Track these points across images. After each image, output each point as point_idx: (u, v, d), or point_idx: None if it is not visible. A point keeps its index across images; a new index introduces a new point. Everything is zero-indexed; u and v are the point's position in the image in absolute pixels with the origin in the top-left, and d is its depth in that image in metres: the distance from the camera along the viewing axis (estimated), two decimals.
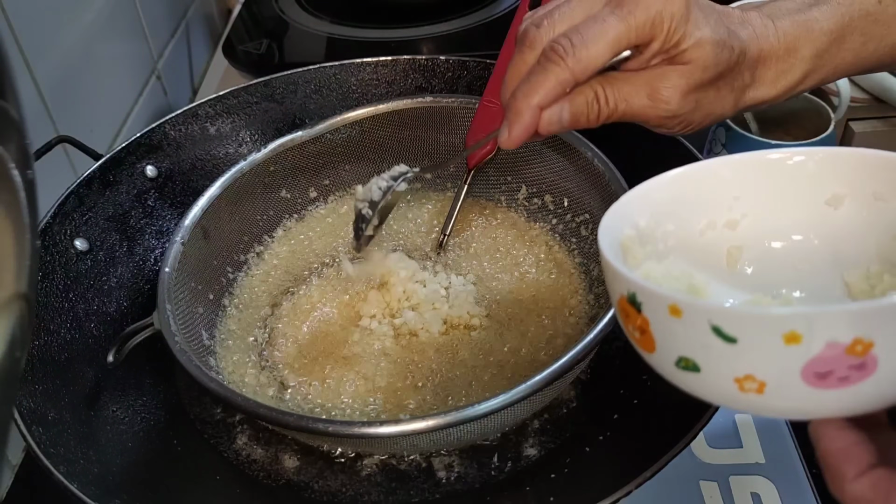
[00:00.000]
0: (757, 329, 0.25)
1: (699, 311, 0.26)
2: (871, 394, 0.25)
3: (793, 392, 0.26)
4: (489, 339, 0.53)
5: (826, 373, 0.25)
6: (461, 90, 0.67)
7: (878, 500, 0.25)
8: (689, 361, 0.27)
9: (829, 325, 0.24)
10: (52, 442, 0.43)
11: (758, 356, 0.25)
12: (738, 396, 0.27)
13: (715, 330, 0.25)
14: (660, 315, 0.27)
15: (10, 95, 0.22)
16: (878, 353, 0.24)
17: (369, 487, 0.47)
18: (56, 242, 0.53)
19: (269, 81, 0.66)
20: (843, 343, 0.24)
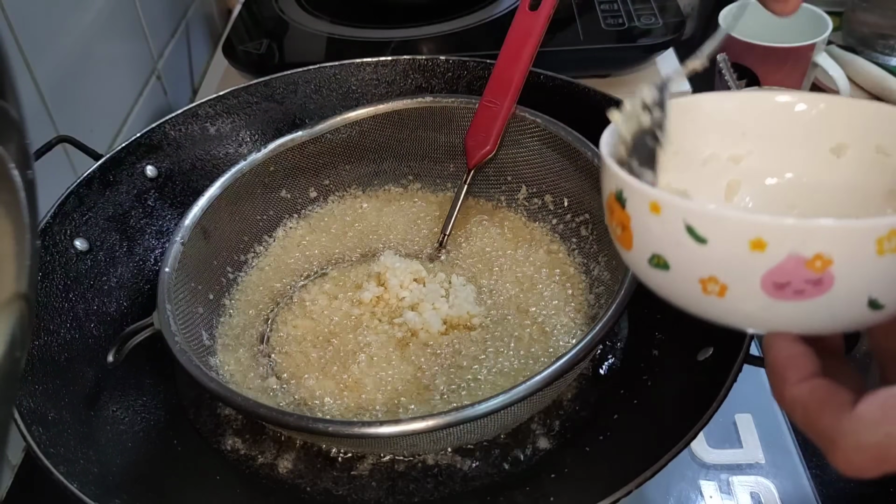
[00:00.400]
0: (726, 231, 0.26)
1: (676, 210, 0.27)
2: (824, 312, 0.27)
3: (751, 299, 0.27)
4: (489, 338, 0.53)
5: (784, 283, 0.26)
6: (461, 90, 0.67)
7: (813, 405, 0.27)
8: (661, 259, 0.29)
9: (794, 236, 0.25)
10: (52, 442, 0.43)
11: (724, 259, 0.27)
12: (700, 298, 0.28)
13: (688, 229, 0.27)
14: (641, 211, 0.28)
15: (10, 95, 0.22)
16: (835, 271, 0.25)
17: (369, 487, 0.47)
18: (56, 242, 0.53)
19: (269, 81, 0.66)
20: (804, 256, 0.25)
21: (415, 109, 0.62)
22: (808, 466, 0.50)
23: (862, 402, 0.26)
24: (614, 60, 0.81)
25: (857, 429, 0.25)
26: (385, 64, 0.68)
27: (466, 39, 0.87)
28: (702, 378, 0.45)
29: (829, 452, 0.26)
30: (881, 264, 0.25)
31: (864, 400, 0.26)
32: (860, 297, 0.26)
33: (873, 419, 0.25)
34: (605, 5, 0.87)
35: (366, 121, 0.62)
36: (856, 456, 0.25)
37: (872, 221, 0.25)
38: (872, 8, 0.82)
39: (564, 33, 0.84)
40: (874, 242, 0.25)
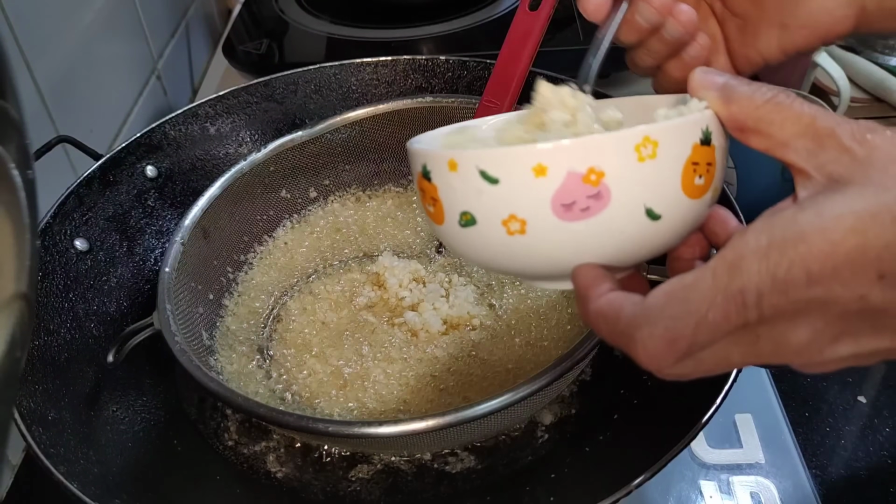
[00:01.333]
0: (512, 165, 0.28)
1: (469, 159, 0.29)
2: (612, 228, 0.29)
3: (547, 227, 0.29)
4: (489, 338, 0.53)
5: (570, 203, 0.28)
6: (461, 90, 0.67)
7: (611, 313, 0.28)
8: (468, 215, 0.30)
9: (566, 155, 0.28)
10: (52, 442, 0.43)
11: (515, 193, 0.29)
12: (508, 241, 0.30)
13: (482, 174, 0.29)
14: (442, 175, 0.30)
15: (10, 95, 0.22)
16: (609, 182, 0.28)
17: (369, 487, 0.47)
18: (56, 242, 0.53)
19: (269, 81, 0.66)
20: (579, 172, 0.27)
21: (415, 109, 0.62)
22: (808, 466, 0.50)
23: (649, 296, 0.27)
24: (614, 60, 0.81)
25: (646, 319, 0.27)
26: (385, 64, 0.68)
27: (466, 39, 0.87)
28: (702, 378, 0.45)
29: (630, 351, 0.27)
30: (644, 171, 0.28)
31: (651, 293, 0.27)
32: (637, 207, 0.28)
33: (658, 305, 0.26)
34: None
35: (366, 121, 0.62)
36: (650, 344, 0.26)
37: (627, 131, 0.27)
38: None
39: (564, 33, 0.84)
40: (633, 150, 0.27)
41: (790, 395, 0.54)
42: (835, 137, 0.27)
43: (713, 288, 0.26)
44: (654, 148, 0.28)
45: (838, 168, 0.26)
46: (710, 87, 0.30)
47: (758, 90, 0.29)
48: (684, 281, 0.27)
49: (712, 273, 0.26)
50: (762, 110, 0.29)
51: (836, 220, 0.25)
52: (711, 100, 0.30)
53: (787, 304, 0.25)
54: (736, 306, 0.25)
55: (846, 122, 0.27)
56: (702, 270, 0.26)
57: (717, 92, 0.30)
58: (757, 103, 0.29)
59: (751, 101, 0.29)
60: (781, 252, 0.25)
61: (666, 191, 0.29)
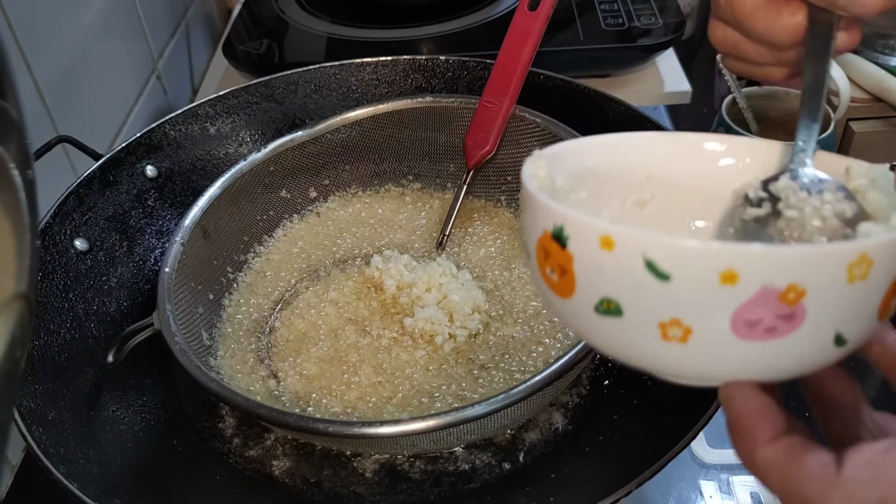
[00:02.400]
0: (695, 264, 0.23)
1: (635, 243, 0.24)
2: (793, 352, 0.25)
3: (717, 341, 0.24)
4: (489, 338, 0.53)
5: (756, 321, 0.23)
6: (461, 90, 0.67)
7: (792, 470, 0.24)
8: (613, 304, 0.25)
9: (769, 266, 0.23)
10: (52, 442, 0.43)
11: (690, 296, 0.24)
12: (658, 346, 0.25)
13: (648, 265, 0.24)
14: (588, 249, 0.25)
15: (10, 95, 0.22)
16: (808, 303, 0.23)
17: (369, 487, 0.47)
18: (56, 242, 0.53)
19: (269, 81, 0.66)
20: (777, 288, 0.23)
21: (415, 109, 0.62)
22: None
23: (847, 464, 0.24)
24: (614, 60, 0.81)
25: (848, 495, 0.23)
26: (385, 64, 0.68)
27: (466, 39, 0.87)
28: None
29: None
30: (851, 294, 0.24)
31: (849, 460, 0.24)
32: (828, 332, 0.24)
33: (863, 482, 0.23)
34: (605, 5, 0.87)
35: (366, 121, 0.62)
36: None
37: (845, 245, 0.23)
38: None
39: (564, 33, 0.84)
40: (846, 269, 0.23)
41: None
42: None
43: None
44: (867, 268, 0.23)
45: None
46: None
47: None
48: (891, 455, 0.23)
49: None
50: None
51: None
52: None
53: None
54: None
55: None
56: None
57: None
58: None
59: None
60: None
61: (863, 315, 0.25)
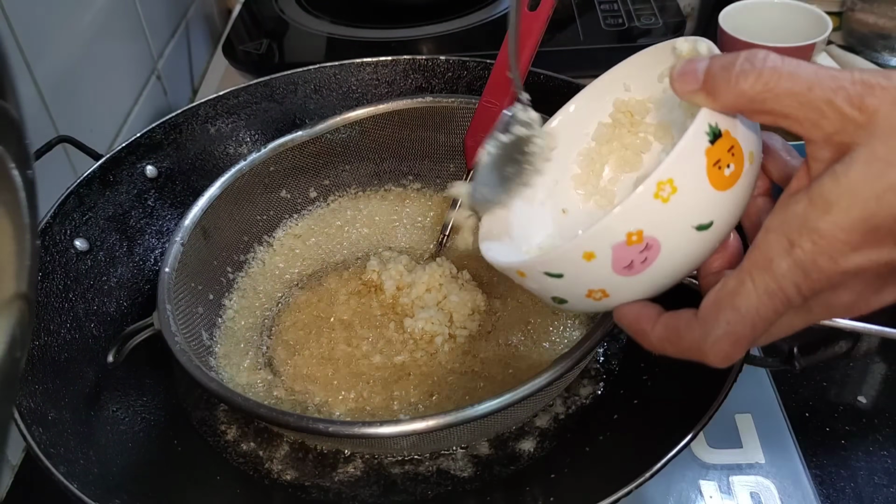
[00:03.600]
0: (565, 262, 0.32)
1: (530, 267, 0.34)
2: (673, 259, 0.31)
3: (622, 287, 0.32)
4: (489, 339, 0.53)
5: (630, 264, 0.31)
6: (461, 90, 0.67)
7: (671, 336, 0.32)
8: (557, 298, 0.35)
9: (602, 235, 0.30)
10: (52, 442, 0.43)
11: (581, 278, 0.32)
12: (598, 305, 0.34)
13: (547, 274, 0.33)
14: (520, 279, 0.35)
15: (10, 95, 0.22)
16: (651, 233, 0.30)
17: (369, 487, 0.47)
18: (56, 242, 0.53)
19: (269, 81, 0.66)
20: (622, 241, 0.30)
21: (415, 109, 0.62)
22: (808, 466, 0.50)
23: (701, 309, 0.30)
24: (614, 60, 0.81)
25: (706, 331, 0.30)
26: (385, 64, 0.68)
27: (466, 39, 0.87)
28: (702, 378, 0.45)
29: (701, 360, 0.31)
30: (675, 205, 0.30)
31: (701, 307, 0.30)
32: (687, 233, 0.31)
33: (712, 316, 0.30)
34: (605, 5, 0.87)
35: (366, 121, 0.62)
36: (719, 350, 0.30)
37: (641, 189, 0.29)
38: (872, 8, 0.82)
39: (564, 33, 0.84)
40: (653, 199, 0.29)
41: (790, 395, 0.54)
42: (833, 106, 0.27)
43: (755, 290, 0.29)
44: (671, 185, 0.30)
45: (843, 137, 0.27)
46: (693, 89, 0.30)
47: (739, 72, 0.29)
48: (727, 289, 0.29)
49: (750, 278, 0.29)
50: (753, 91, 0.28)
51: (843, 207, 0.27)
52: (699, 102, 0.30)
53: (824, 283, 0.28)
54: (780, 300, 0.28)
55: (842, 87, 0.27)
56: (739, 277, 0.29)
57: (702, 92, 0.30)
58: (743, 88, 0.29)
59: (736, 89, 0.29)
60: (802, 248, 0.27)
61: (704, 203, 0.30)
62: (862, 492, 0.49)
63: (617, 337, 0.55)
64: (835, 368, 0.56)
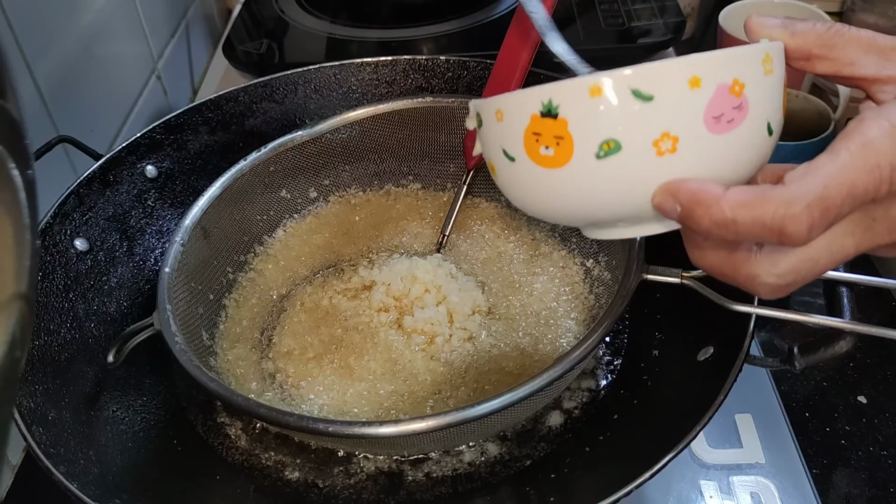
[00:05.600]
0: (669, 79, 0.28)
1: (619, 80, 0.29)
2: (745, 141, 0.30)
3: (699, 141, 0.29)
4: (489, 339, 0.53)
5: (720, 115, 0.29)
6: (461, 90, 0.67)
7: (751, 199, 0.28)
8: (612, 143, 0.29)
9: (717, 66, 0.29)
10: (52, 442, 0.43)
11: (671, 108, 0.29)
12: (655, 164, 0.29)
13: (635, 93, 0.28)
14: (580, 105, 0.29)
15: (10, 95, 0.22)
16: (748, 94, 0.29)
17: (369, 487, 0.47)
18: (56, 242, 0.53)
19: (269, 81, 0.66)
20: (727, 84, 0.29)
21: (415, 109, 0.62)
22: (808, 466, 0.50)
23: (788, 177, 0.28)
24: (614, 60, 0.81)
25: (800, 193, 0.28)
26: (385, 64, 0.68)
27: (466, 39, 0.87)
28: (702, 378, 0.45)
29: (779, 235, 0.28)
30: (768, 84, 0.30)
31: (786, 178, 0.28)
32: (763, 122, 0.30)
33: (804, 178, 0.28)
34: (605, 5, 0.87)
35: (366, 121, 0.62)
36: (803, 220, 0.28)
37: (755, 46, 0.30)
38: (872, 8, 0.82)
39: (564, 33, 0.84)
40: (761, 63, 0.29)
41: (790, 395, 0.54)
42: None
43: (853, 164, 0.28)
44: (771, 64, 0.30)
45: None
46: (772, 26, 0.33)
47: (815, 23, 0.32)
48: (819, 162, 0.28)
49: (848, 152, 0.28)
50: (824, 37, 0.32)
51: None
52: (777, 35, 0.32)
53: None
54: (875, 179, 0.28)
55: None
56: (833, 153, 0.28)
57: (780, 28, 0.33)
58: (818, 32, 0.32)
59: (812, 31, 0.32)
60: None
61: (778, 106, 0.31)
62: (862, 492, 0.49)
63: (618, 337, 0.55)
64: (835, 368, 0.56)
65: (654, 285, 0.45)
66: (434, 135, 0.63)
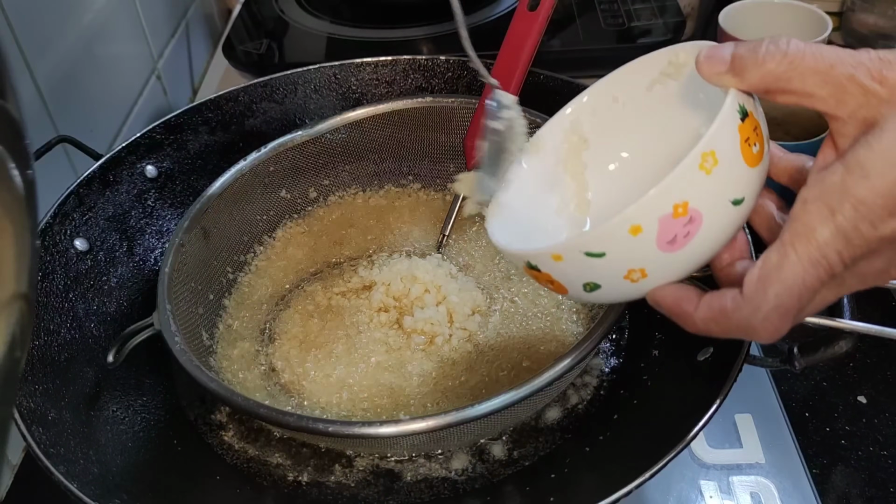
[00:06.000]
0: (611, 238, 0.32)
1: (571, 248, 0.33)
2: (711, 234, 0.32)
3: (661, 264, 0.32)
4: (489, 339, 0.53)
5: (673, 238, 0.31)
6: (461, 90, 0.67)
7: (719, 317, 0.32)
8: (591, 284, 0.34)
9: (651, 206, 0.30)
10: (52, 442, 0.43)
11: (624, 255, 0.32)
12: (633, 288, 0.34)
13: (588, 255, 0.32)
14: (551, 266, 0.34)
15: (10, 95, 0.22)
16: (695, 205, 0.30)
17: (368, 487, 0.47)
18: (56, 242, 0.53)
19: (269, 81, 0.66)
20: (668, 213, 0.30)
21: (415, 109, 0.62)
22: (808, 466, 0.50)
23: (744, 289, 0.31)
24: (614, 60, 0.81)
25: (754, 308, 0.30)
26: (385, 64, 0.68)
27: None
28: (702, 378, 0.45)
29: (751, 337, 0.31)
30: (716, 177, 0.31)
31: (744, 286, 0.31)
32: (725, 206, 0.32)
33: (760, 291, 0.30)
34: (605, 5, 0.87)
35: (366, 121, 0.62)
36: (769, 325, 0.30)
37: (687, 161, 0.30)
38: (872, 8, 0.82)
39: (564, 33, 0.84)
40: (699, 170, 0.30)
41: (790, 395, 0.54)
42: (855, 82, 0.29)
43: (799, 261, 0.29)
44: (713, 157, 0.30)
45: (867, 111, 0.29)
46: (721, 71, 0.32)
47: (766, 53, 0.31)
48: (770, 263, 0.30)
49: (793, 249, 0.29)
50: (779, 70, 0.30)
51: (880, 172, 0.28)
52: (726, 82, 0.32)
53: (864, 249, 0.29)
54: (824, 269, 0.29)
55: (862, 62, 0.29)
56: (781, 250, 0.30)
57: (729, 73, 0.32)
58: (770, 67, 0.31)
59: (762, 68, 0.31)
60: (843, 214, 0.28)
61: (738, 177, 0.31)
62: (862, 492, 0.49)
63: (618, 337, 0.55)
64: (835, 368, 0.56)
65: None
66: (434, 135, 0.63)
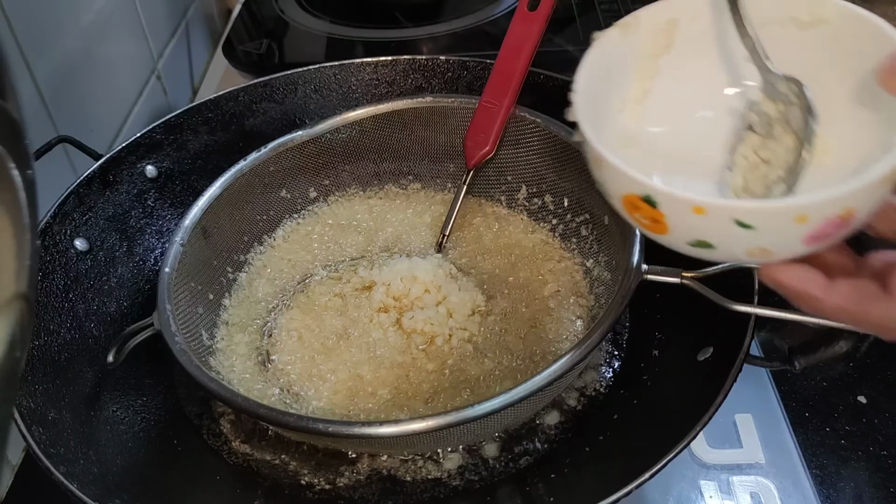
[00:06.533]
0: (773, 218, 0.29)
1: (723, 210, 0.30)
2: (844, 235, 0.31)
3: (793, 252, 0.31)
4: (489, 338, 0.53)
5: (822, 237, 0.30)
6: (461, 90, 0.67)
7: (853, 306, 0.31)
8: (706, 243, 0.31)
9: (828, 206, 0.29)
10: (52, 442, 0.43)
11: (771, 235, 0.30)
12: (748, 260, 0.32)
13: (737, 222, 0.29)
14: (680, 212, 0.30)
15: (10, 95, 0.22)
16: (858, 214, 0.29)
17: (369, 487, 0.47)
18: (56, 242, 0.53)
19: (269, 81, 0.66)
20: (837, 216, 0.29)
21: (415, 109, 0.62)
22: (808, 466, 0.50)
23: (892, 282, 0.30)
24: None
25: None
26: (385, 64, 0.68)
27: (466, 39, 0.87)
28: (702, 378, 0.45)
29: (888, 336, 0.31)
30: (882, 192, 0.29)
31: (893, 279, 0.30)
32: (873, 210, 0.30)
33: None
34: (605, 5, 0.87)
35: (366, 121, 0.62)
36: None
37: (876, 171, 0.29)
38: (872, 8, 0.82)
39: (564, 33, 0.84)
40: (882, 182, 0.29)
41: (790, 395, 0.54)
42: None
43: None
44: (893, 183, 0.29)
45: None
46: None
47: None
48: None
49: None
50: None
51: None
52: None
53: None
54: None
55: None
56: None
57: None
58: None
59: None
60: None
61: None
62: (862, 492, 0.49)
63: (617, 337, 0.55)
64: (835, 368, 0.56)
65: (654, 285, 0.45)
66: (434, 135, 0.63)
